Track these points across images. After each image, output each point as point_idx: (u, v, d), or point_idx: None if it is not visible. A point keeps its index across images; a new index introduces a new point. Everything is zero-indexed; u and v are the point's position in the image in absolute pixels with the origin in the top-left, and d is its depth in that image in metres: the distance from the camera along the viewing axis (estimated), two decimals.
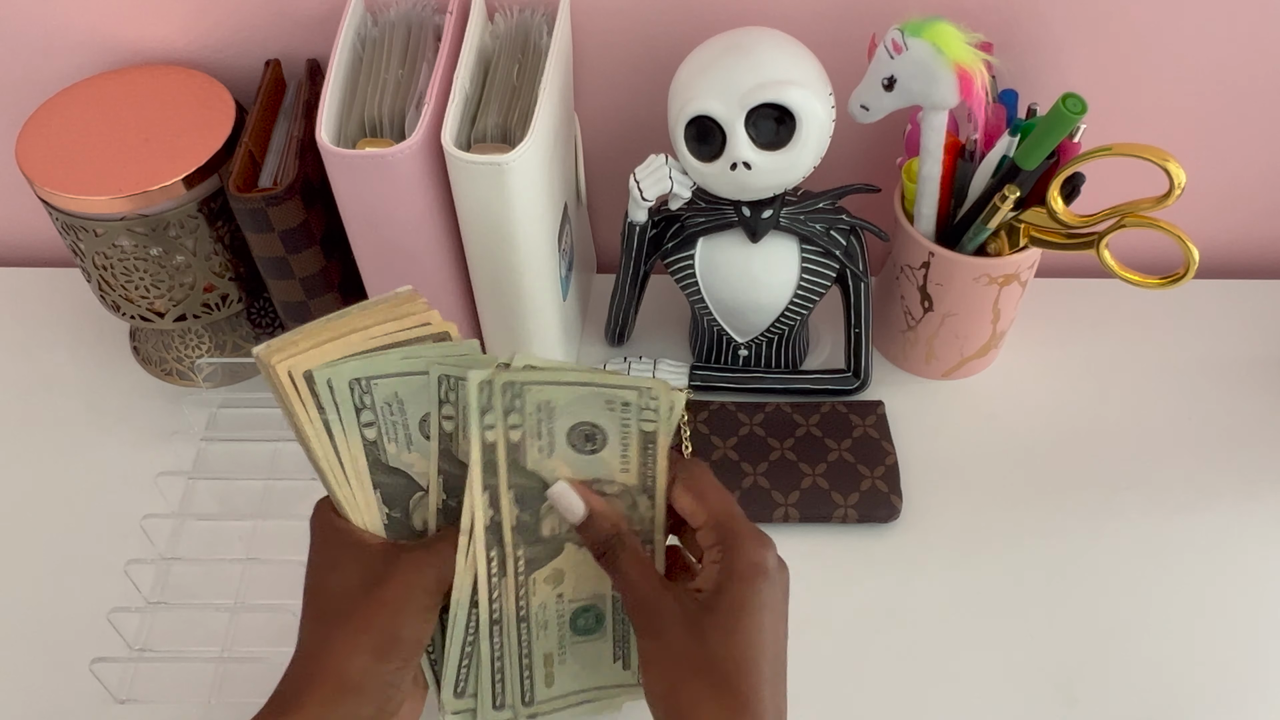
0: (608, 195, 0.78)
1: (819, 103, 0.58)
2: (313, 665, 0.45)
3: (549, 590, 0.49)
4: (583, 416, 0.46)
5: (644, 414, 0.46)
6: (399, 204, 0.59)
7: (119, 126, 0.65)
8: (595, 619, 0.50)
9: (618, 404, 0.46)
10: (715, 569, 0.44)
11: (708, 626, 0.43)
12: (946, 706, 0.59)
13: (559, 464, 0.47)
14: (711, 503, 0.46)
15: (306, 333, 0.47)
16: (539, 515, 0.48)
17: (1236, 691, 0.59)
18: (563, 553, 0.49)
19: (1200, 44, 0.69)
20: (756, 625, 0.43)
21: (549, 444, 0.46)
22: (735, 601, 0.43)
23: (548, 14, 0.64)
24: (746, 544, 0.44)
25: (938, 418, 0.72)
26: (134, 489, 0.67)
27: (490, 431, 0.45)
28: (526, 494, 0.47)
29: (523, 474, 0.46)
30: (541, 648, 0.49)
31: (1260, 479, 0.68)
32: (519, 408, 0.45)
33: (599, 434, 0.46)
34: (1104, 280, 0.65)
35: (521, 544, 0.48)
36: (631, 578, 0.46)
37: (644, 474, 0.48)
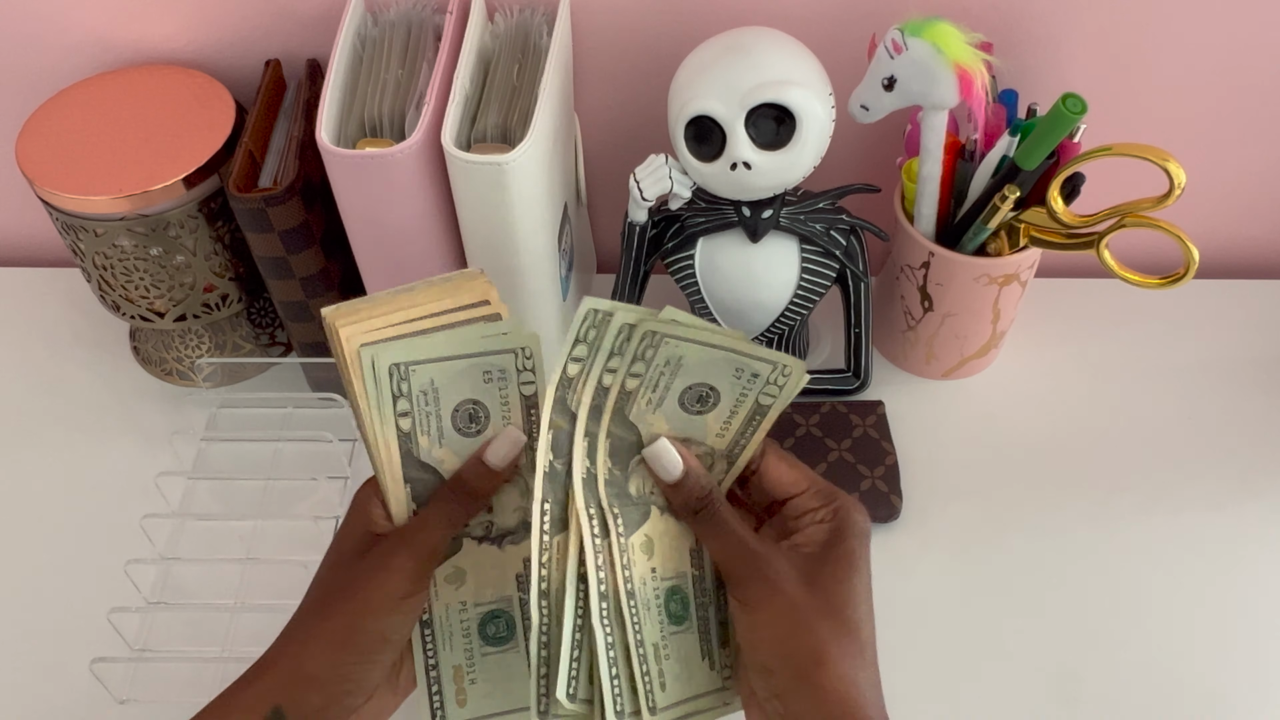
0: (608, 195, 0.78)
1: (819, 103, 0.58)
2: (279, 646, 0.45)
3: (645, 562, 0.45)
4: (706, 379, 0.45)
5: (768, 388, 0.45)
6: (399, 204, 0.59)
7: (119, 126, 0.65)
8: (683, 604, 0.47)
9: (746, 374, 0.45)
10: (823, 528, 0.45)
11: (821, 576, 0.44)
12: (946, 706, 0.59)
13: (659, 420, 0.45)
14: (807, 473, 0.47)
15: (375, 302, 0.46)
16: (628, 473, 0.46)
17: (1237, 691, 0.59)
18: (650, 517, 0.46)
19: (1200, 44, 0.69)
20: (863, 578, 0.45)
21: (659, 399, 0.45)
22: (848, 554, 0.44)
23: (548, 14, 0.64)
24: (857, 508, 0.46)
25: (938, 418, 0.72)
26: (134, 489, 0.67)
27: (610, 375, 0.44)
28: (619, 448, 0.45)
29: (623, 425, 0.45)
30: (650, 637, 0.44)
31: (1260, 479, 0.68)
32: (649, 358, 0.44)
33: (713, 396, 0.45)
34: (1104, 280, 0.65)
35: (615, 502, 0.45)
36: (735, 529, 0.45)
37: (736, 442, 0.47)
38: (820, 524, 0.45)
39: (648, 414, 0.45)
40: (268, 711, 0.43)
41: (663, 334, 0.44)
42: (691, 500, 0.46)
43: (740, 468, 0.48)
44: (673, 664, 0.45)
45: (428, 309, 0.46)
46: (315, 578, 0.47)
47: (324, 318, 0.46)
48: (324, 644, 0.43)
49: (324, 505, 0.66)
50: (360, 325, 0.45)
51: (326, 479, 0.67)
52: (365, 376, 0.44)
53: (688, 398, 0.45)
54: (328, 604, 0.44)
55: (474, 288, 0.47)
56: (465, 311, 0.46)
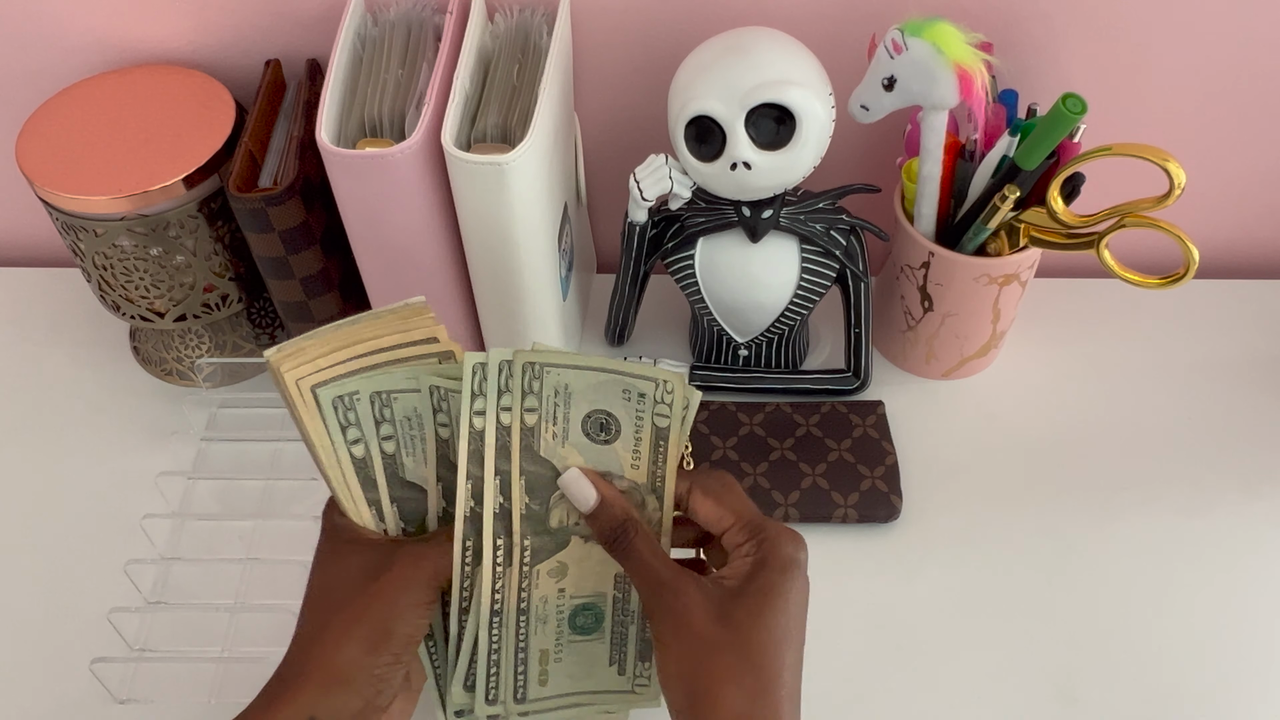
0: (608, 195, 0.78)
1: (819, 103, 0.58)
2: (304, 656, 0.45)
3: (551, 584, 0.49)
4: (599, 404, 0.46)
5: (659, 408, 0.46)
6: (399, 204, 0.59)
7: (119, 126, 0.65)
8: (595, 619, 0.50)
9: (634, 394, 0.46)
10: (747, 561, 0.46)
11: (733, 609, 0.44)
12: (946, 706, 0.59)
13: (571, 452, 0.47)
14: (737, 505, 0.48)
15: (318, 339, 0.47)
16: (548, 505, 0.48)
17: (1236, 691, 0.59)
18: (568, 546, 0.49)
19: (1200, 44, 0.69)
20: (784, 612, 0.44)
21: (563, 430, 0.46)
22: (766, 587, 0.44)
23: (548, 14, 0.64)
24: (782, 538, 0.46)
25: (938, 418, 0.72)
26: (134, 489, 0.67)
27: (506, 414, 0.45)
28: (537, 482, 0.47)
29: (535, 460, 0.46)
30: (538, 643, 0.49)
31: (1260, 479, 0.68)
32: (536, 390, 0.45)
33: (613, 423, 0.46)
34: (1104, 280, 0.65)
35: (529, 534, 0.48)
36: (648, 561, 0.46)
37: (653, 473, 0.48)
38: (745, 558, 0.46)
39: (558, 448, 0.47)
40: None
41: (541, 364, 0.45)
42: (607, 530, 0.47)
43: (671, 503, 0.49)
44: (566, 665, 0.50)
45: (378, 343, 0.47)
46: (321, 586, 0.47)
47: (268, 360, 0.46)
48: (357, 648, 0.45)
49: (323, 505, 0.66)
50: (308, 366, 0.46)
51: None
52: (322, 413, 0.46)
53: (589, 426, 0.47)
54: (356, 609, 0.45)
55: (421, 324, 0.48)
56: (417, 348, 0.48)
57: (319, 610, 0.47)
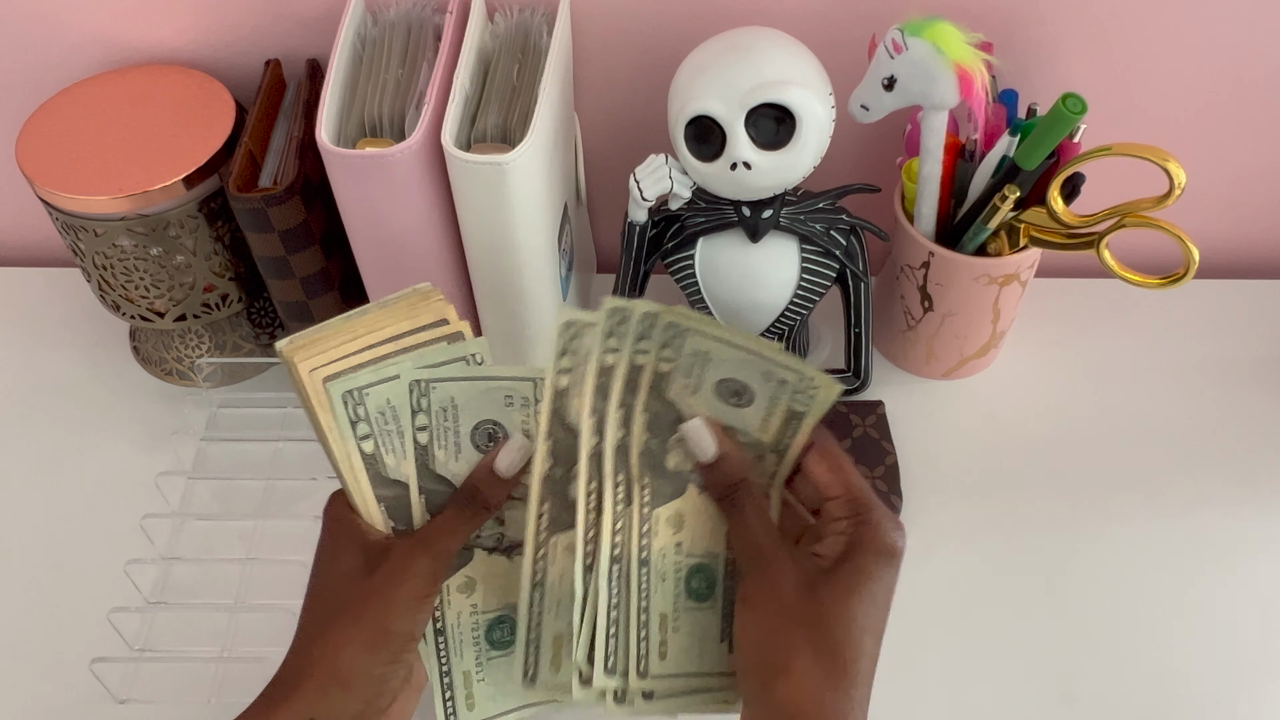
0: (608, 195, 0.78)
1: (819, 103, 0.58)
2: (304, 657, 0.45)
3: (670, 535, 0.46)
4: (737, 374, 0.45)
5: (797, 396, 0.45)
6: (399, 204, 0.59)
7: (119, 126, 0.65)
8: (708, 583, 0.47)
9: (774, 379, 0.45)
10: (843, 540, 0.44)
11: (824, 588, 0.43)
12: (947, 706, 0.59)
13: (700, 403, 0.46)
14: (849, 477, 0.46)
15: (330, 330, 0.46)
16: (666, 446, 0.46)
17: (1236, 691, 0.59)
18: (685, 494, 0.47)
19: (1200, 44, 0.69)
20: (872, 599, 0.43)
21: (696, 384, 0.45)
22: (859, 571, 0.43)
23: (548, 14, 0.64)
24: (885, 523, 0.44)
25: (938, 418, 0.72)
26: (134, 489, 0.67)
27: (642, 356, 0.44)
28: (659, 421, 0.46)
29: (662, 400, 0.45)
30: (659, 605, 0.46)
31: (1260, 479, 0.68)
32: (675, 346, 0.44)
33: (747, 393, 0.45)
34: (1104, 280, 0.65)
35: (647, 472, 0.46)
36: (753, 523, 0.45)
37: (780, 438, 0.47)
38: (840, 535, 0.45)
39: (686, 395, 0.46)
40: None
41: (685, 326, 0.44)
42: (721, 485, 0.46)
43: (788, 463, 0.47)
44: (682, 637, 0.46)
45: (386, 332, 0.47)
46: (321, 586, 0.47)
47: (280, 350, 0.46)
48: (357, 649, 0.45)
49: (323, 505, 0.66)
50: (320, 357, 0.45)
51: (326, 479, 0.67)
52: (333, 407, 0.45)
53: (723, 390, 0.45)
54: (355, 609, 0.45)
55: (431, 307, 0.48)
56: (427, 333, 0.47)
57: (317, 611, 0.46)
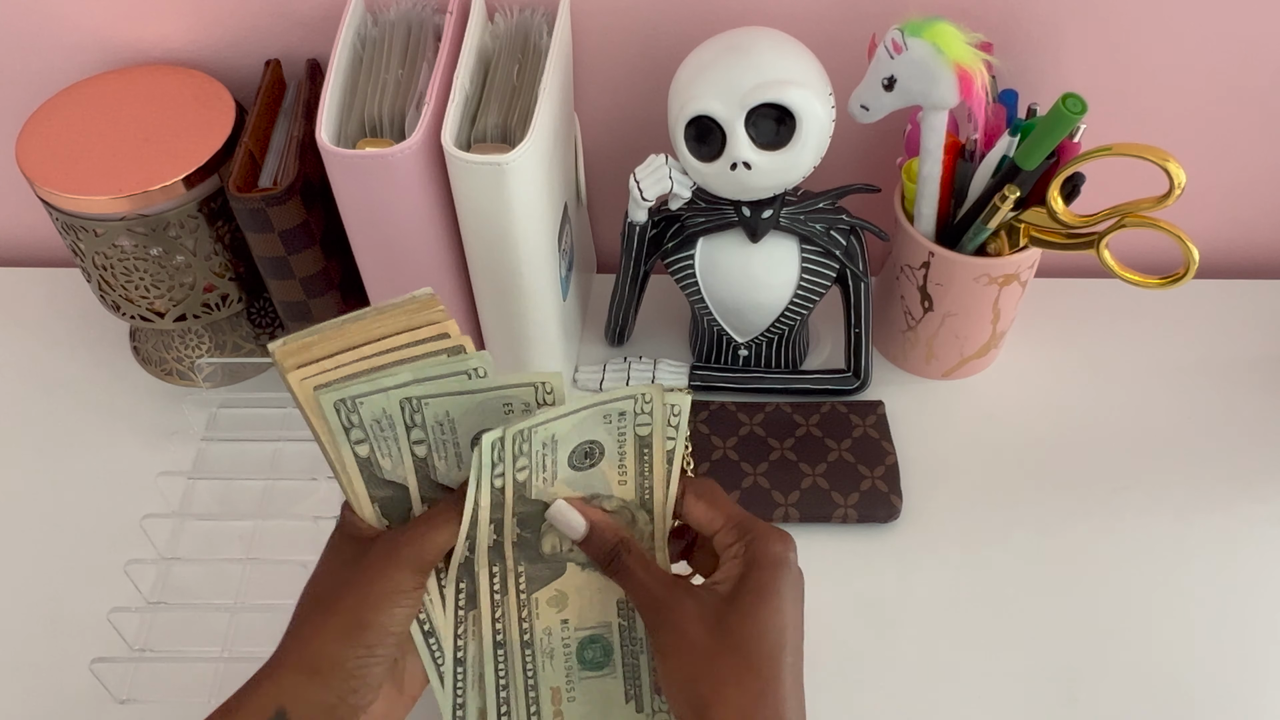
0: (608, 195, 0.78)
1: (819, 103, 0.58)
2: (283, 647, 0.45)
3: (553, 614, 0.48)
4: (585, 437, 0.46)
5: (639, 419, 0.46)
6: (399, 204, 0.59)
7: (119, 126, 0.65)
8: (604, 652, 0.49)
9: (614, 415, 0.46)
10: (736, 563, 0.45)
11: (728, 614, 0.44)
12: (946, 706, 0.59)
13: (561, 488, 0.47)
14: (726, 507, 0.47)
15: (322, 336, 0.46)
16: (539, 533, 0.47)
17: (1236, 690, 0.59)
18: (565, 573, 0.48)
19: (1200, 44, 0.69)
20: (778, 611, 0.44)
21: (552, 474, 0.46)
22: (758, 587, 0.44)
23: (548, 14, 0.64)
24: (770, 537, 0.46)
25: (938, 418, 0.72)
26: (134, 489, 0.67)
27: (499, 479, 0.45)
28: (528, 518, 0.47)
29: (526, 503, 0.46)
30: (548, 680, 0.49)
31: (1260, 478, 0.68)
32: (526, 451, 0.45)
33: (597, 448, 0.46)
34: (1104, 280, 0.65)
35: (522, 560, 0.47)
36: (642, 578, 0.46)
37: (641, 485, 0.48)
38: (735, 559, 0.46)
39: (547, 489, 0.47)
40: (271, 714, 0.43)
41: (529, 427, 0.44)
42: (601, 552, 0.47)
43: (664, 513, 0.48)
44: (580, 705, 0.49)
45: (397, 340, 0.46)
46: (314, 576, 0.47)
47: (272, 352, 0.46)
48: (329, 638, 0.44)
49: (324, 505, 0.66)
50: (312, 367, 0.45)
51: (326, 479, 0.67)
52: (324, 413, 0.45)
53: (575, 459, 0.46)
54: (332, 599, 0.45)
55: (431, 318, 0.47)
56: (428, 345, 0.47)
57: (303, 602, 0.46)
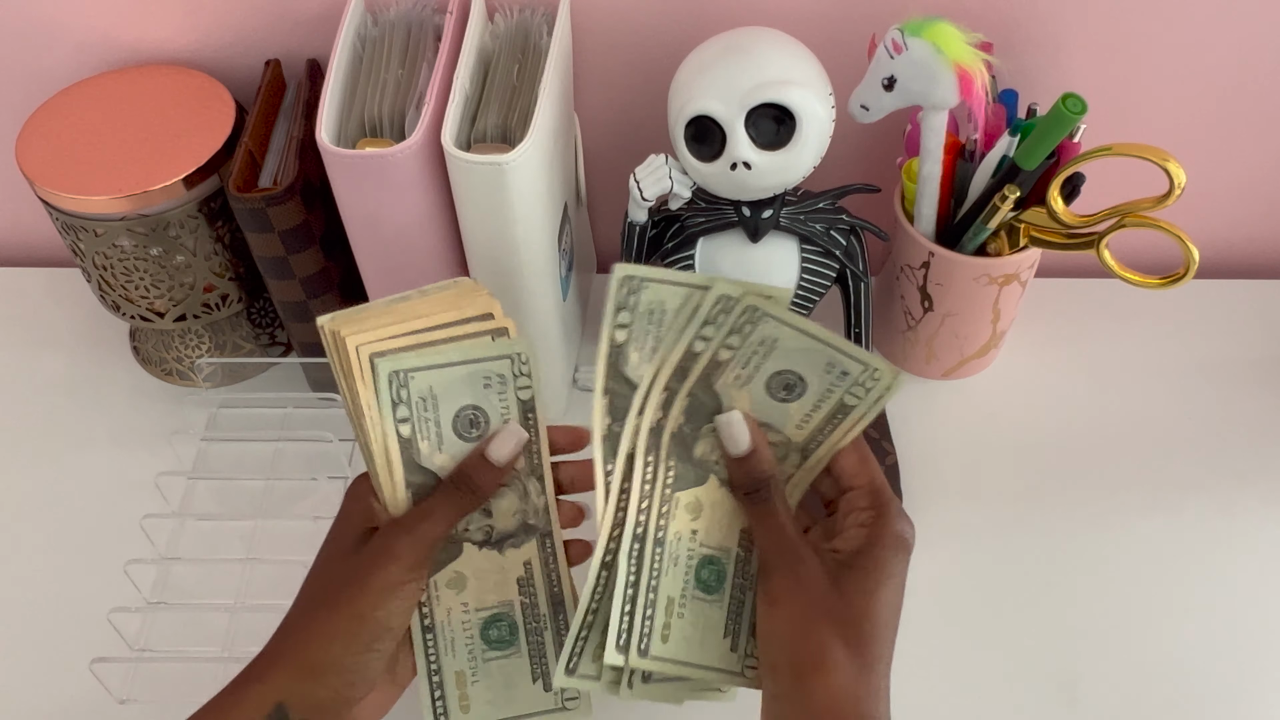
0: (608, 195, 0.78)
1: (819, 103, 0.58)
2: (281, 640, 0.45)
3: (686, 521, 0.48)
4: (796, 366, 0.45)
5: (854, 389, 0.45)
6: (399, 204, 0.59)
7: (119, 126, 0.65)
8: (718, 577, 0.48)
9: (837, 370, 0.45)
10: (861, 533, 0.45)
11: (847, 582, 0.44)
12: (946, 706, 0.59)
13: (743, 397, 0.46)
14: (873, 469, 0.47)
15: (374, 311, 0.47)
16: (698, 434, 0.47)
17: (1236, 690, 0.59)
18: (706, 483, 0.48)
19: (1200, 44, 0.69)
20: (892, 591, 0.44)
21: (748, 376, 0.46)
22: (878, 565, 0.44)
23: (548, 14, 0.64)
24: (902, 518, 0.46)
25: (938, 418, 0.72)
26: (134, 489, 0.67)
27: (702, 343, 0.45)
28: (697, 408, 0.46)
29: (706, 390, 0.46)
30: (667, 588, 0.47)
31: (1260, 478, 0.68)
32: (746, 333, 0.45)
33: (800, 386, 0.46)
34: (1104, 280, 0.65)
35: (674, 455, 0.47)
36: (779, 519, 0.46)
37: (815, 437, 0.47)
38: (860, 527, 0.45)
39: (733, 388, 0.46)
40: (270, 709, 0.43)
41: (764, 312, 0.44)
42: (749, 480, 0.46)
43: (814, 465, 0.48)
44: (685, 624, 0.48)
45: (432, 320, 0.47)
46: (313, 571, 0.47)
47: (323, 326, 0.46)
48: (329, 634, 0.44)
49: (324, 505, 0.66)
50: (368, 334, 0.45)
51: (326, 479, 0.67)
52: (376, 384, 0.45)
53: (775, 383, 0.46)
54: (331, 595, 0.45)
55: (477, 301, 0.48)
56: (472, 324, 0.47)
57: (305, 593, 0.46)
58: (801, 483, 0.48)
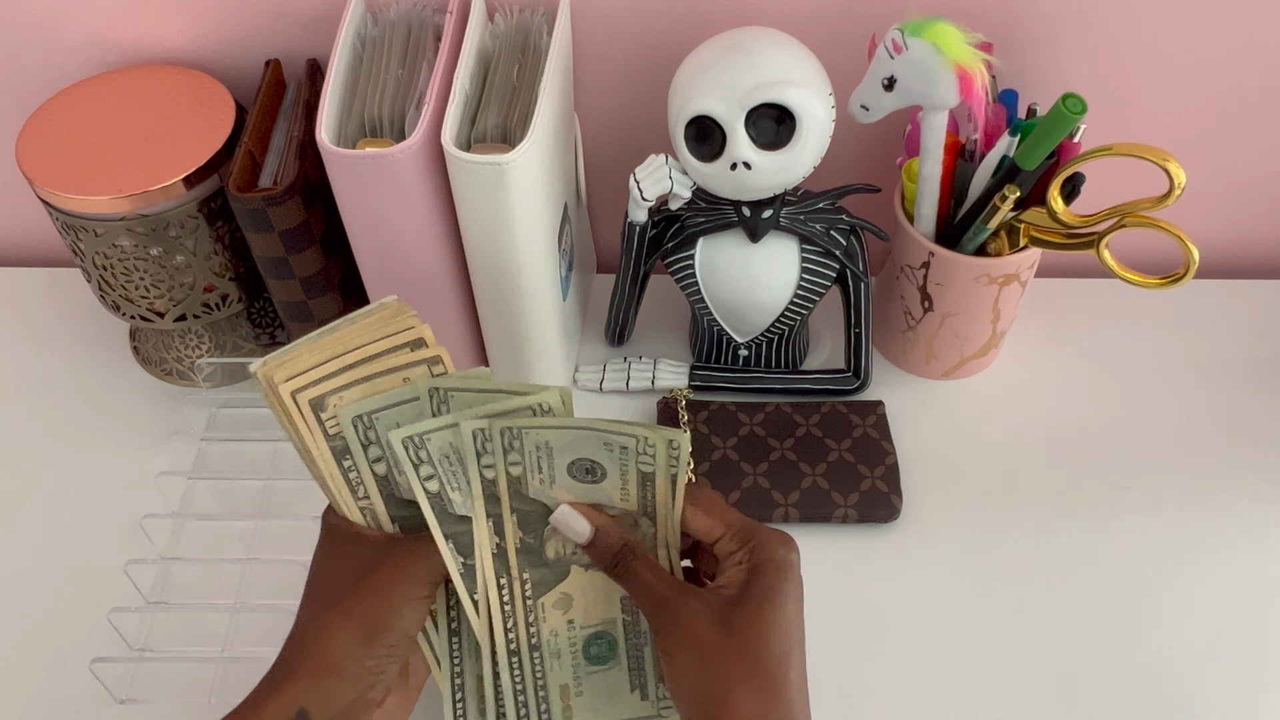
0: (608, 195, 0.78)
1: (819, 103, 0.58)
2: (297, 649, 0.46)
3: (559, 617, 0.49)
4: (581, 454, 0.46)
5: (641, 458, 0.46)
6: (399, 204, 0.59)
7: (119, 126, 0.65)
8: (608, 646, 0.50)
9: (615, 447, 0.46)
10: (741, 569, 0.46)
11: (735, 617, 0.44)
12: (947, 706, 0.59)
13: (560, 492, 0.47)
14: (725, 515, 0.48)
15: (305, 349, 0.47)
16: (542, 539, 0.48)
17: (1236, 691, 0.59)
18: (569, 576, 0.49)
19: (1201, 44, 0.69)
20: (784, 614, 0.45)
21: (550, 477, 0.46)
22: (764, 591, 0.45)
23: (548, 14, 0.64)
24: (774, 541, 0.46)
25: (938, 418, 0.72)
26: (134, 489, 0.67)
27: (489, 470, 0.46)
28: (529, 519, 0.47)
29: (525, 501, 0.47)
30: (556, 679, 0.50)
31: (1260, 479, 0.68)
32: (517, 448, 0.45)
33: (599, 468, 0.46)
34: (1104, 280, 0.65)
35: (527, 567, 0.48)
36: (648, 581, 0.46)
37: (644, 501, 0.48)
38: (739, 565, 0.46)
39: (546, 489, 0.47)
40: (292, 714, 0.44)
41: (519, 427, 0.45)
42: (605, 556, 0.47)
43: (668, 522, 0.48)
44: (588, 698, 0.50)
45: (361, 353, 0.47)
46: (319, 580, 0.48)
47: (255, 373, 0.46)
48: (349, 641, 0.45)
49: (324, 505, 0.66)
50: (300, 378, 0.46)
51: None
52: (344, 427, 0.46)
53: (576, 471, 0.47)
54: (349, 603, 0.46)
55: (404, 324, 0.48)
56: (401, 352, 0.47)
57: (314, 604, 0.47)
58: (671, 534, 0.49)
